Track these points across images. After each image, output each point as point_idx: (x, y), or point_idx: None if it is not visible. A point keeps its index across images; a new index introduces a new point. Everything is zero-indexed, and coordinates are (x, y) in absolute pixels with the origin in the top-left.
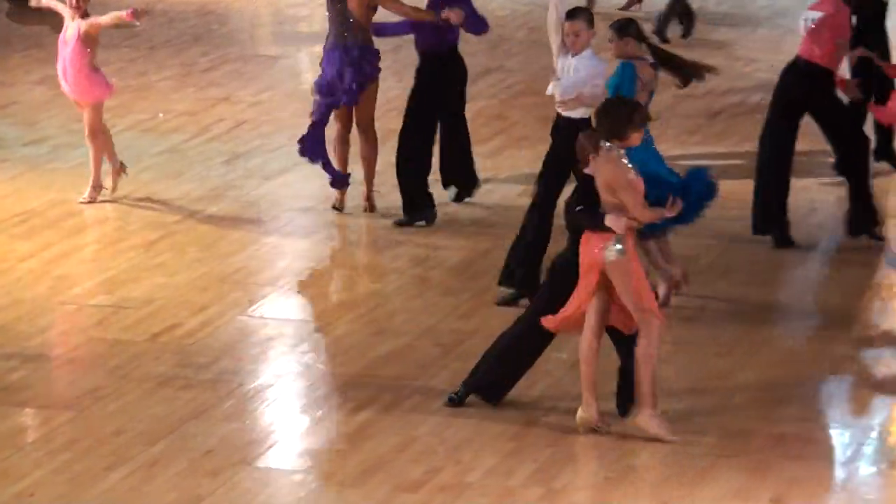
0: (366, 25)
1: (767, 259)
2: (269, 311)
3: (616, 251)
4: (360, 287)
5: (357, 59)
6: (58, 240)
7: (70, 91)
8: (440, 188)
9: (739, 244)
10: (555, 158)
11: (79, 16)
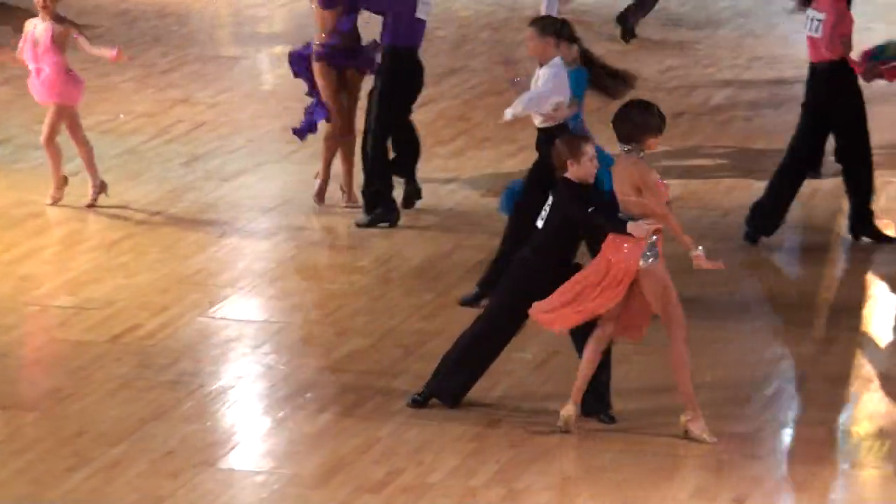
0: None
1: (729, 258)
2: (230, 313)
3: (651, 256)
4: (322, 288)
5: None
6: (21, 240)
7: (42, 92)
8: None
9: (701, 244)
10: (541, 168)
11: (49, 17)
